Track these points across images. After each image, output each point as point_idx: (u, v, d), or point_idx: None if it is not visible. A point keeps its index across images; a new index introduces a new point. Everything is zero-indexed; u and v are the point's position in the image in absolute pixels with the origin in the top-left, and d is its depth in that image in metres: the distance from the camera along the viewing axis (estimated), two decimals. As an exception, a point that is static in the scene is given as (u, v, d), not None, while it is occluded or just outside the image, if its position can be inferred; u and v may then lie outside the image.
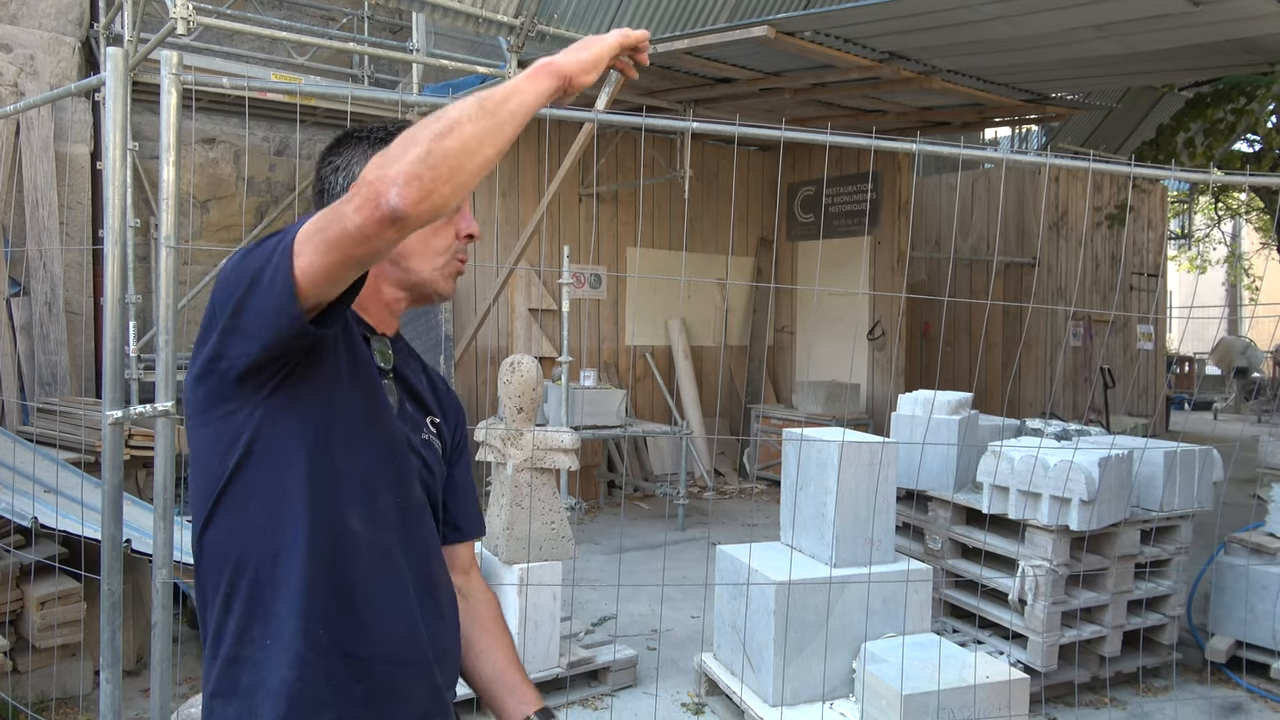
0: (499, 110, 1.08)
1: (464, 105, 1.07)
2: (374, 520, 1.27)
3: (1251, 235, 19.12)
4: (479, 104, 1.07)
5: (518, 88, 1.11)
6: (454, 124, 1.04)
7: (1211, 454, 4.19)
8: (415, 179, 1.02)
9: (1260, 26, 4.94)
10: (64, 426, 4.59)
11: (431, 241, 1.36)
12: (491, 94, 1.09)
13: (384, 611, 1.26)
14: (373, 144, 1.35)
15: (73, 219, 6.30)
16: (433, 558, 1.38)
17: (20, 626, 3.49)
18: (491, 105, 1.08)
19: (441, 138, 1.03)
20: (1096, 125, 10.08)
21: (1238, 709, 3.91)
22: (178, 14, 4.55)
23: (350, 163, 1.36)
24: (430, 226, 1.32)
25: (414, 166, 1.02)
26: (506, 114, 1.09)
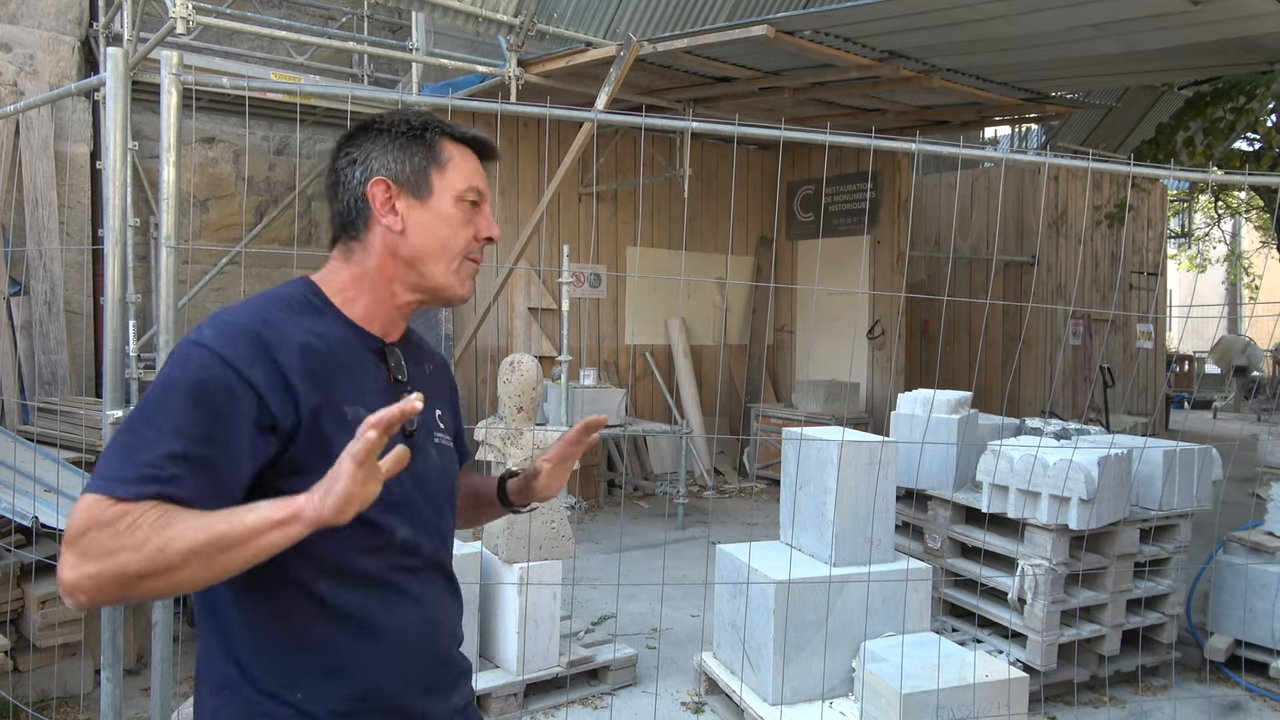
0: (235, 557, 1.04)
1: (198, 537, 1.03)
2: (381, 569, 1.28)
3: (1251, 234, 19.13)
4: (217, 543, 1.03)
5: (264, 535, 1.04)
6: (180, 562, 1.02)
7: (1211, 453, 4.19)
8: (96, 588, 1.04)
9: (1259, 25, 4.94)
10: (64, 426, 4.59)
11: (449, 244, 1.33)
12: (233, 533, 1.03)
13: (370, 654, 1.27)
14: (394, 138, 1.32)
15: (72, 218, 6.30)
16: (448, 553, 1.41)
17: (21, 626, 3.50)
18: (228, 555, 1.04)
19: (160, 574, 1.03)
20: (1096, 124, 10.08)
21: (1237, 708, 3.91)
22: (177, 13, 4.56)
23: (369, 156, 1.32)
24: (450, 226, 1.32)
25: (95, 581, 1.03)
26: (239, 563, 1.05)
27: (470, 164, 1.36)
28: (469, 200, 1.34)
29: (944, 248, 9.84)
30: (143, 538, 1.03)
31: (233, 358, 1.16)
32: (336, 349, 1.27)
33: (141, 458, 1.09)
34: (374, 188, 1.30)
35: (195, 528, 1.03)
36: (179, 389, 1.13)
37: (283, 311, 1.25)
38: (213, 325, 1.20)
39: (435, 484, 1.38)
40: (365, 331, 1.33)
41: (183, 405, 1.12)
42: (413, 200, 1.31)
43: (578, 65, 6.02)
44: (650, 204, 8.53)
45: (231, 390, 1.14)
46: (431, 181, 1.32)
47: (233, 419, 1.14)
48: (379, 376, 1.32)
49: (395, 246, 1.31)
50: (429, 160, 1.32)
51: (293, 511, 1.04)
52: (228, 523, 1.04)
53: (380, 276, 1.32)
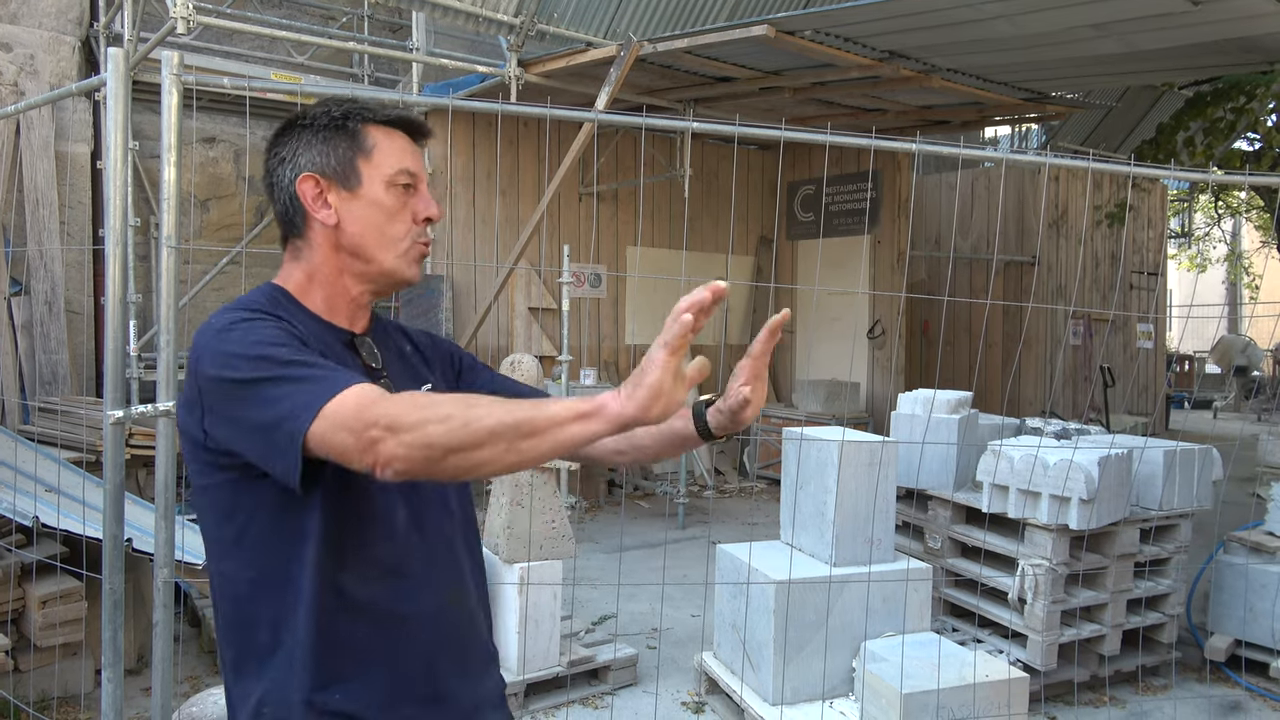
0: (536, 445, 1.01)
1: (504, 419, 1.00)
2: (388, 557, 1.27)
3: (1251, 233, 19.13)
4: (518, 428, 1.00)
5: (566, 426, 1.01)
6: (484, 439, 1.00)
7: (1211, 453, 4.19)
8: (418, 460, 1.01)
9: (1259, 26, 4.94)
10: (65, 426, 4.59)
11: (387, 230, 1.31)
12: (537, 419, 1.00)
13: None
14: (316, 131, 1.31)
15: (73, 218, 6.30)
16: (455, 540, 1.38)
17: (22, 625, 3.50)
18: (529, 441, 1.00)
19: (464, 450, 1.00)
20: (1096, 124, 10.08)
21: (1237, 708, 3.91)
22: (178, 13, 4.56)
23: (295, 153, 1.31)
24: (384, 212, 1.30)
25: (423, 451, 1.01)
26: (539, 452, 1.02)
27: (399, 145, 1.33)
28: (401, 184, 1.31)
29: (944, 248, 9.84)
30: (446, 412, 1.01)
31: (277, 312, 1.22)
32: (317, 341, 1.27)
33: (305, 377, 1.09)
34: (303, 184, 1.30)
35: (500, 410, 1.01)
36: (264, 343, 1.14)
37: (264, 309, 1.26)
38: (232, 309, 1.23)
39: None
40: (333, 325, 1.33)
41: (281, 347, 1.13)
42: (343, 192, 1.30)
43: (578, 65, 6.02)
44: (650, 204, 8.54)
45: (294, 334, 1.19)
46: (359, 170, 1.30)
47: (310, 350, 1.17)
48: (357, 365, 1.32)
49: (336, 240, 1.31)
50: (354, 149, 1.30)
51: (598, 404, 1.00)
52: (532, 409, 1.01)
53: (330, 271, 1.32)
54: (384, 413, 1.02)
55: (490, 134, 7.40)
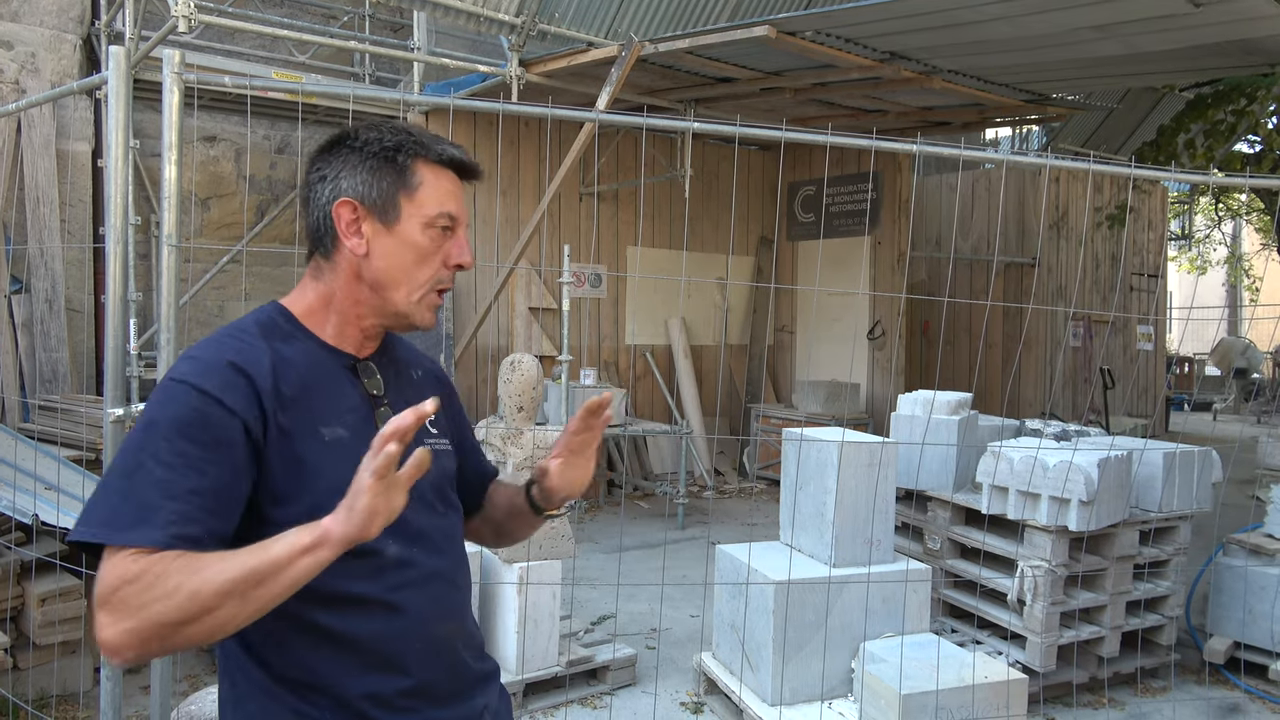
0: (271, 589, 1.04)
1: (230, 575, 1.02)
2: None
3: (1252, 236, 19.12)
4: (247, 580, 1.02)
5: (295, 563, 1.03)
6: (215, 603, 1.02)
7: (1210, 455, 4.19)
8: (151, 642, 1.03)
9: (1260, 28, 4.94)
10: (65, 424, 4.59)
11: (413, 273, 1.28)
12: (261, 567, 1.03)
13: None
14: (364, 157, 1.27)
15: (74, 216, 6.30)
16: (453, 564, 1.37)
17: (21, 623, 3.50)
18: (262, 589, 1.03)
19: (198, 618, 1.02)
20: (1097, 126, 10.08)
21: (1236, 710, 3.91)
22: (179, 12, 4.56)
23: (338, 174, 1.27)
24: (416, 253, 1.28)
25: (155, 631, 1.02)
26: (275, 594, 1.04)
27: (445, 187, 1.30)
28: (439, 226, 1.28)
29: (945, 249, 9.84)
30: (174, 585, 1.02)
31: (212, 388, 1.16)
32: (309, 371, 1.26)
33: (146, 500, 1.09)
34: (340, 208, 1.26)
35: (225, 567, 1.03)
36: (166, 426, 1.14)
37: (250, 339, 1.25)
38: (186, 362, 1.20)
39: (427, 494, 1.35)
40: (337, 350, 1.31)
41: (173, 442, 1.12)
42: (379, 225, 1.27)
43: (579, 65, 6.02)
44: (651, 204, 8.54)
45: (217, 420, 1.15)
46: (400, 206, 1.27)
47: (222, 447, 1.15)
48: (354, 395, 1.30)
49: (359, 269, 1.28)
50: (398, 184, 1.27)
51: (320, 535, 1.03)
52: (256, 557, 1.03)
53: (347, 298, 1.30)
54: (112, 594, 1.04)
55: (491, 134, 7.40)
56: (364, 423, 1.29)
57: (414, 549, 1.30)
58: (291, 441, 1.21)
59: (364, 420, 1.29)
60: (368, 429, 1.27)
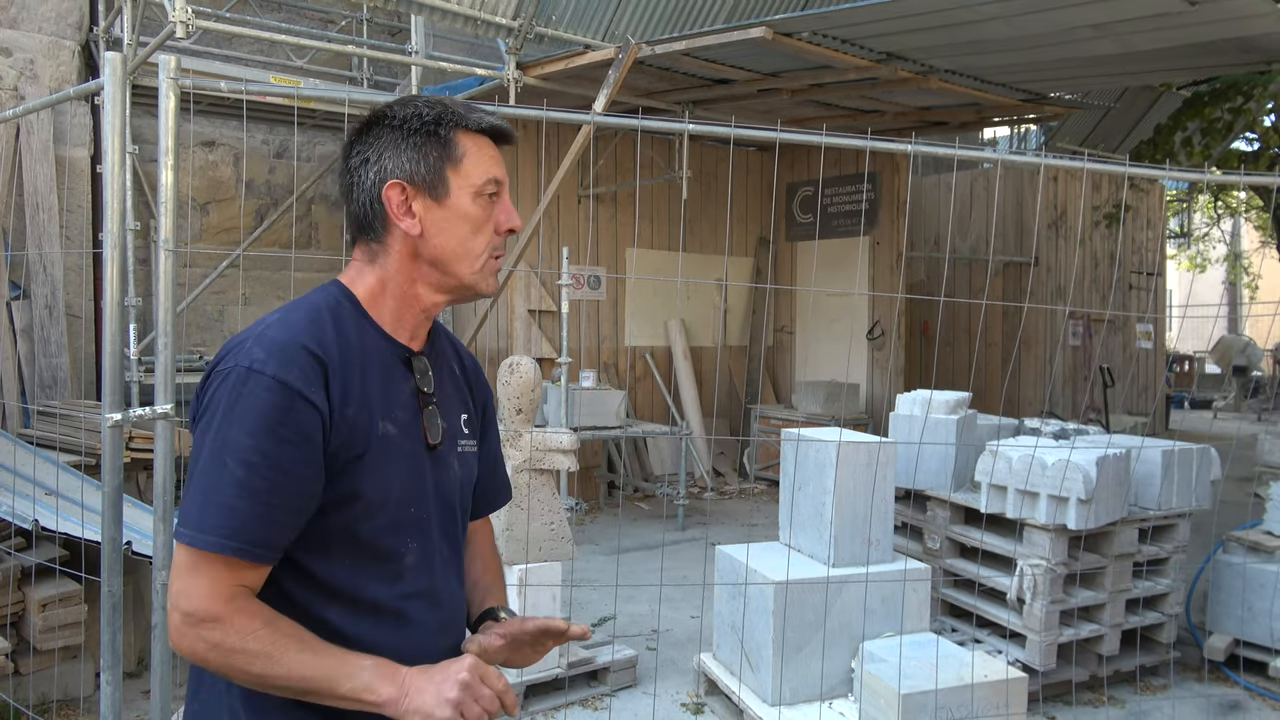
0: (318, 698, 1.13)
1: (294, 683, 1.11)
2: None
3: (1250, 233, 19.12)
4: (305, 686, 1.12)
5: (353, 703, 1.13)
6: (272, 687, 1.12)
7: (1209, 452, 4.19)
8: (212, 666, 1.14)
9: (1257, 26, 4.95)
10: (64, 429, 4.60)
11: (470, 243, 1.27)
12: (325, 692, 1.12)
13: None
14: (406, 135, 1.25)
15: (73, 222, 6.31)
16: (450, 573, 1.36)
17: (22, 628, 3.50)
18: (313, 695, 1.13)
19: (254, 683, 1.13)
20: (1095, 125, 10.08)
21: (1236, 707, 3.92)
22: (177, 17, 4.57)
23: (381, 155, 1.25)
24: (470, 224, 1.27)
25: (221, 669, 1.13)
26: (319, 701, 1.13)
27: (487, 153, 1.29)
28: (488, 194, 1.28)
29: (943, 248, 9.85)
30: (255, 651, 1.10)
31: (294, 380, 1.14)
32: (371, 360, 1.24)
33: (226, 502, 1.11)
34: (389, 191, 1.24)
35: (296, 674, 1.11)
36: (249, 422, 1.12)
37: (325, 323, 1.22)
38: (262, 346, 1.16)
39: (454, 498, 1.35)
40: (394, 340, 1.29)
41: (256, 439, 1.12)
42: (430, 201, 1.25)
43: (576, 68, 6.03)
44: (649, 206, 8.54)
45: (301, 415, 1.14)
46: (448, 180, 1.25)
47: (306, 444, 1.14)
48: (406, 389, 1.28)
49: (416, 249, 1.26)
50: (444, 158, 1.25)
51: (381, 703, 1.11)
52: (327, 683, 1.11)
53: (404, 279, 1.28)
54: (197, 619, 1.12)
55: (489, 136, 7.39)
56: (412, 419, 1.28)
57: (433, 560, 1.30)
58: (353, 432, 1.19)
59: (413, 417, 1.28)
60: (415, 426, 1.27)
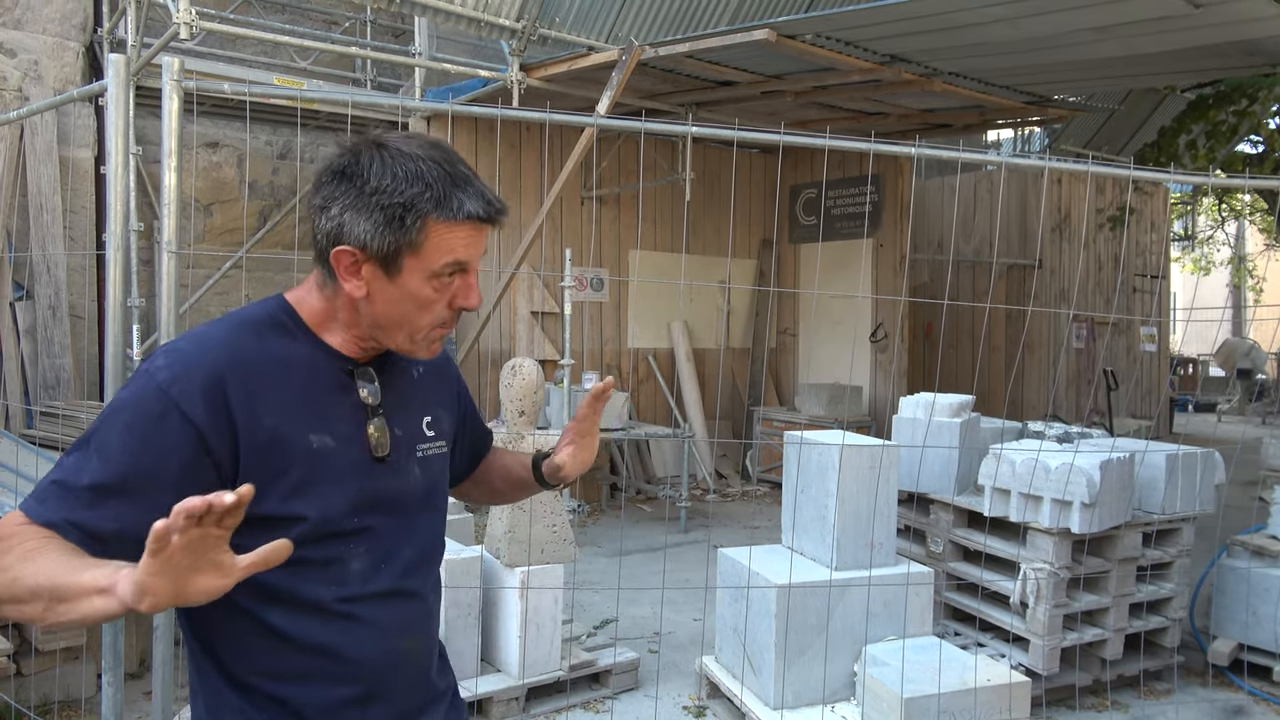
0: (69, 610, 1.00)
1: (43, 581, 1.00)
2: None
3: (1255, 236, 19.09)
4: (54, 591, 1.00)
5: (89, 598, 0.98)
6: (26, 597, 1.01)
7: (1213, 456, 4.18)
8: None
9: (1261, 29, 4.94)
10: (67, 430, 4.60)
11: (414, 319, 1.23)
12: (69, 586, 0.99)
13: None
14: (371, 209, 1.18)
15: (77, 223, 6.32)
16: (413, 575, 1.35)
17: (23, 630, 3.50)
18: (64, 605, 1.00)
19: (12, 602, 1.03)
20: (1099, 127, 10.08)
21: (1240, 712, 3.90)
22: (180, 19, 4.58)
23: (341, 214, 1.19)
24: (416, 303, 1.22)
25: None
26: (72, 618, 1.00)
27: (458, 237, 1.20)
28: (445, 275, 1.22)
29: (946, 251, 9.84)
30: (7, 563, 1.03)
31: (176, 391, 1.14)
32: (303, 374, 1.23)
33: (72, 480, 1.11)
34: (339, 254, 1.20)
35: (47, 570, 1.01)
36: (121, 416, 1.15)
37: (246, 336, 1.22)
38: (168, 353, 1.18)
39: (411, 504, 1.33)
40: (337, 353, 1.27)
41: (120, 434, 1.13)
42: (379, 270, 1.20)
43: (580, 69, 6.03)
44: (652, 207, 8.54)
45: (170, 426, 1.13)
46: (402, 262, 1.19)
47: (164, 453, 1.13)
48: (348, 401, 1.26)
49: (357, 305, 1.24)
50: (404, 243, 1.18)
51: (110, 583, 0.96)
52: (67, 574, 1.00)
53: (348, 318, 1.26)
54: None
55: (492, 138, 7.41)
56: (355, 432, 1.27)
57: (384, 563, 1.28)
58: (279, 446, 1.19)
59: (356, 430, 1.27)
60: (358, 439, 1.26)
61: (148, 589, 0.91)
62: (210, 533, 0.91)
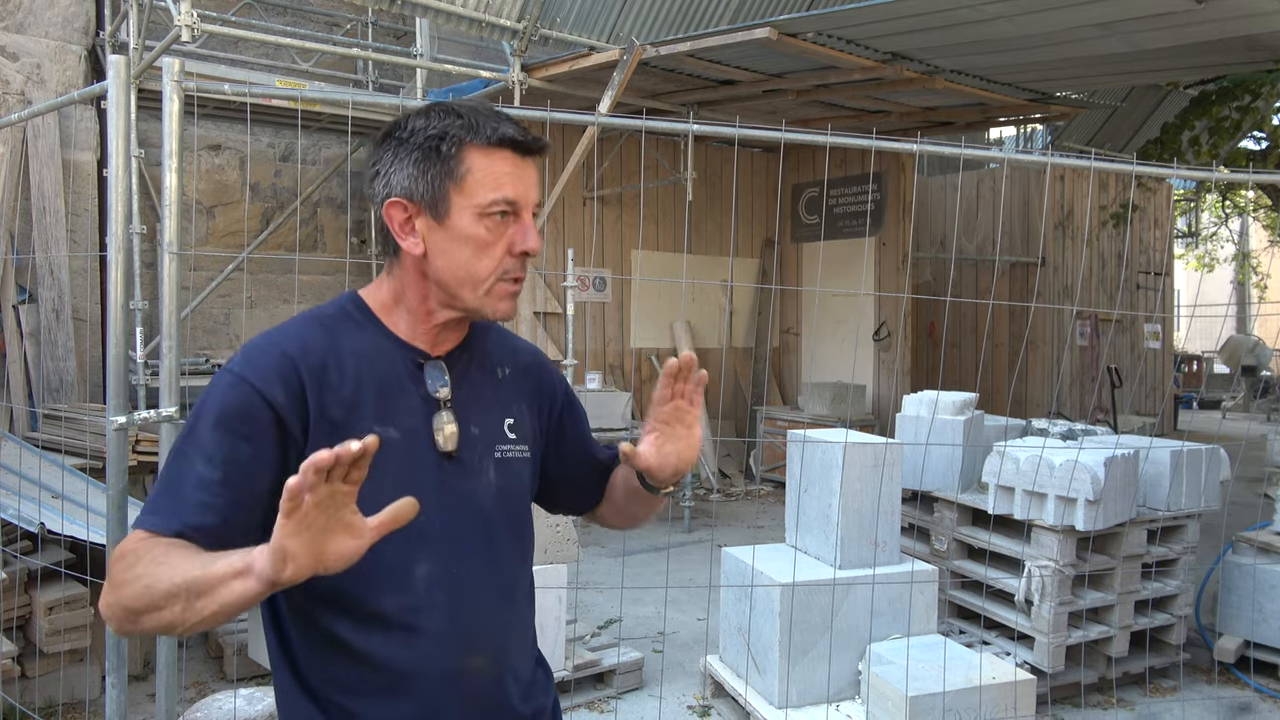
0: (208, 604, 0.98)
1: (177, 580, 1.00)
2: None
3: (1259, 232, 19.04)
4: (190, 588, 0.99)
5: (227, 584, 0.97)
6: (163, 601, 1.01)
7: (1218, 453, 4.17)
8: (120, 620, 1.06)
9: (1264, 24, 4.92)
10: (70, 432, 4.61)
11: (474, 267, 1.21)
12: (203, 579, 0.98)
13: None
14: (409, 150, 1.20)
15: (79, 225, 6.33)
16: (486, 588, 1.28)
17: (28, 632, 3.51)
18: (202, 600, 0.99)
19: (151, 611, 1.02)
20: (1101, 124, 10.06)
21: (1246, 709, 3.89)
22: (182, 21, 4.58)
23: (388, 170, 1.22)
24: (473, 246, 1.20)
25: (121, 612, 1.05)
26: (213, 611, 0.99)
27: (499, 168, 1.20)
28: (496, 214, 1.20)
29: (949, 249, 9.82)
30: (139, 573, 1.03)
31: (254, 378, 1.16)
32: (373, 365, 1.22)
33: (178, 488, 1.13)
34: (390, 209, 1.21)
35: (179, 570, 1.01)
36: (209, 415, 1.15)
37: (315, 329, 1.22)
38: (243, 351, 1.20)
39: (484, 506, 1.28)
40: (408, 345, 1.25)
41: (210, 432, 1.14)
42: (431, 220, 1.20)
43: (581, 69, 6.03)
44: (654, 207, 8.54)
45: (253, 411, 1.15)
46: (449, 199, 1.19)
47: (255, 439, 1.14)
48: (416, 394, 1.24)
49: (422, 268, 1.23)
50: (445, 175, 1.19)
51: (248, 563, 0.96)
52: (201, 568, 0.99)
53: (416, 295, 1.25)
54: (111, 566, 1.08)
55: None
56: (422, 425, 1.23)
57: (452, 571, 1.23)
58: (343, 438, 1.15)
59: (422, 423, 1.24)
60: (424, 432, 1.23)
61: (288, 553, 0.91)
62: (338, 489, 0.91)
